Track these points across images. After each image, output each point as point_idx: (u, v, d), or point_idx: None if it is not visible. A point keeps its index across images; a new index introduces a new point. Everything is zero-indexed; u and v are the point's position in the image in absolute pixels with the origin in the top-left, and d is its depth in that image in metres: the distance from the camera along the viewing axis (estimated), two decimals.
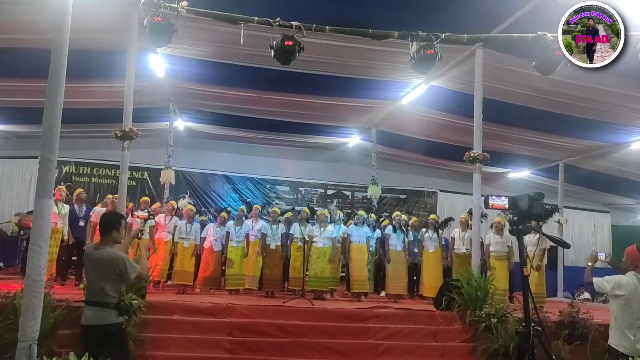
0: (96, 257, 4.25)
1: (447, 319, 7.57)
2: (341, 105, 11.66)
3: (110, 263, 4.19)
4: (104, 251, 4.27)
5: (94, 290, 4.20)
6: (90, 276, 4.31)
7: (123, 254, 4.37)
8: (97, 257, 4.25)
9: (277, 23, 6.45)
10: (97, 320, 4.14)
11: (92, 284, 4.25)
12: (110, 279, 4.18)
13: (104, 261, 4.21)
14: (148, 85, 10.39)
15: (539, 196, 3.72)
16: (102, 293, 4.14)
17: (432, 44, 6.63)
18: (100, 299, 4.15)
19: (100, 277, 4.18)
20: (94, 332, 4.14)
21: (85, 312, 4.22)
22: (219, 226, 9.91)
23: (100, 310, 4.14)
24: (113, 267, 4.18)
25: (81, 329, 4.23)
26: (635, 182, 13.82)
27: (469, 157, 8.16)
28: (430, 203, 16.53)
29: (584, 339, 7.13)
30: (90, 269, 4.31)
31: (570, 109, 9.82)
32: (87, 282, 4.37)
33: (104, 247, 4.30)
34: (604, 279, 4.87)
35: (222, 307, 7.35)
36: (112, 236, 4.33)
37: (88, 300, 4.25)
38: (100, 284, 4.16)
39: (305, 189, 16.16)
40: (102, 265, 4.20)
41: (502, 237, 9.44)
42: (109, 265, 4.19)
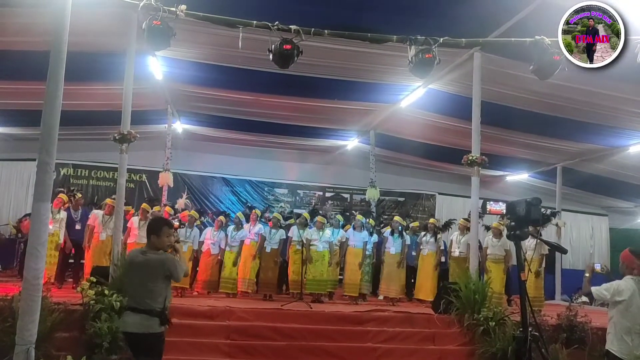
0: (143, 260, 4.16)
1: (445, 322, 7.57)
2: (340, 108, 11.67)
3: (159, 265, 4.14)
4: (153, 254, 4.19)
5: (138, 296, 4.11)
6: (135, 281, 4.21)
7: (171, 255, 4.30)
8: (144, 260, 4.16)
9: (276, 27, 6.46)
10: (139, 328, 4.06)
11: (137, 289, 4.15)
12: (157, 281, 4.11)
13: (152, 264, 4.14)
14: (147, 88, 10.39)
15: (536, 201, 3.73)
16: (147, 299, 4.06)
17: (431, 48, 6.65)
18: (144, 306, 4.06)
19: (147, 281, 4.10)
20: (134, 340, 4.11)
21: (127, 319, 4.14)
22: (217, 230, 9.92)
23: (143, 318, 4.05)
24: (162, 269, 4.13)
25: (126, 336, 4.21)
26: (633, 186, 13.85)
27: (467, 160, 8.17)
28: (428, 206, 16.53)
29: (582, 343, 7.13)
30: (135, 273, 4.21)
31: (568, 112, 9.84)
32: (131, 288, 4.24)
33: (151, 250, 4.23)
34: (602, 287, 4.81)
35: (220, 310, 7.35)
36: (152, 241, 4.24)
37: (131, 307, 4.14)
38: (147, 287, 4.08)
39: (303, 192, 16.15)
40: (150, 267, 4.13)
41: (500, 240, 9.45)
42: (158, 267, 4.14)
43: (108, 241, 8.66)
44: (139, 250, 4.36)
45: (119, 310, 6.32)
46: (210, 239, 9.81)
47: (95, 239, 9.07)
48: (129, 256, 4.48)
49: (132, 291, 4.20)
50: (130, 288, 4.23)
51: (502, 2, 6.69)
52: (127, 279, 4.30)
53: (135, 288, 4.17)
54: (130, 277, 4.27)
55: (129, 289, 4.22)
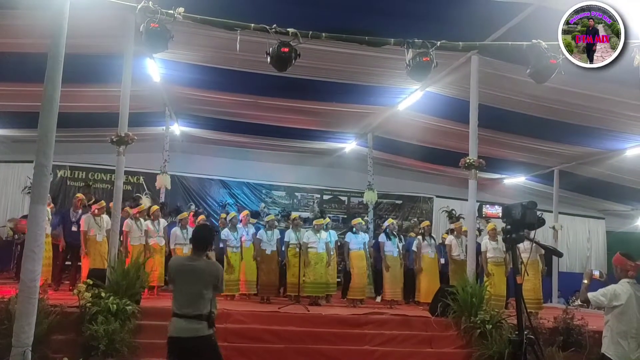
0: (195, 267, 4.23)
1: (442, 325, 7.58)
2: (337, 110, 11.68)
3: (211, 273, 4.26)
4: (202, 262, 4.31)
5: (188, 301, 4.15)
6: (184, 287, 4.23)
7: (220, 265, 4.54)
8: (195, 267, 4.23)
9: (274, 29, 6.47)
10: (188, 332, 4.12)
11: (186, 294, 4.18)
12: (209, 288, 4.20)
13: (206, 271, 4.24)
14: (144, 90, 10.39)
15: (532, 205, 3.74)
16: (197, 304, 4.13)
17: (428, 51, 6.66)
18: (193, 311, 4.12)
19: (201, 288, 4.17)
20: (184, 344, 4.15)
21: (177, 325, 4.17)
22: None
23: (193, 323, 4.11)
24: (213, 277, 4.25)
25: (173, 341, 4.20)
26: (630, 189, 13.87)
27: (464, 163, 8.18)
28: (426, 208, 16.54)
29: (579, 346, 7.15)
30: (186, 279, 4.23)
31: (565, 116, 9.86)
32: (180, 294, 4.25)
33: (200, 258, 4.33)
34: (599, 292, 4.79)
35: (218, 313, 7.32)
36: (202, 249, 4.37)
37: (179, 313, 4.17)
38: (200, 294, 4.15)
39: (301, 194, 16.15)
40: (203, 274, 4.22)
41: (498, 243, 9.44)
42: (210, 275, 4.24)
43: (105, 242, 8.64)
44: (186, 258, 4.53)
45: (116, 312, 6.33)
46: None
47: (89, 242, 9.02)
48: (174, 263, 4.55)
49: (182, 297, 4.21)
50: (179, 294, 4.25)
51: (499, 5, 6.72)
52: (176, 284, 4.30)
53: (186, 294, 4.20)
54: (180, 283, 4.28)
55: (178, 295, 4.25)
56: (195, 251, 4.42)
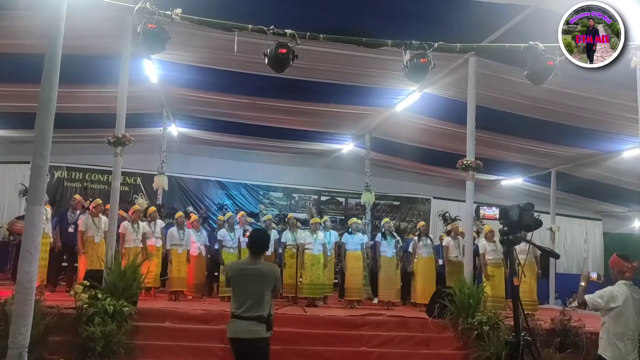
0: (256, 271, 4.37)
1: (439, 327, 7.58)
2: (335, 112, 11.68)
3: (272, 276, 4.42)
4: (263, 265, 4.49)
5: (250, 304, 4.27)
6: (245, 289, 4.34)
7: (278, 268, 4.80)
8: (257, 270, 4.37)
9: (271, 31, 6.45)
10: (247, 334, 4.25)
11: (247, 297, 4.30)
12: (268, 290, 4.35)
13: (267, 274, 4.40)
14: (141, 91, 10.38)
15: (529, 207, 3.74)
16: (258, 306, 4.26)
17: (425, 53, 6.65)
18: (254, 312, 4.25)
19: (263, 290, 4.32)
20: (246, 346, 4.27)
21: (237, 326, 4.30)
22: (198, 231, 9.91)
23: (253, 324, 4.24)
24: (273, 280, 4.41)
25: (234, 342, 4.34)
26: (627, 190, 13.90)
27: (462, 164, 8.19)
28: (423, 210, 16.55)
29: (576, 347, 7.15)
30: (247, 282, 4.35)
31: (562, 117, 9.88)
32: (240, 296, 4.36)
33: (259, 261, 4.49)
34: (596, 294, 4.76)
35: (215, 314, 7.32)
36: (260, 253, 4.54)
37: (239, 315, 4.28)
38: (261, 296, 4.29)
39: (298, 195, 16.14)
40: (265, 278, 4.37)
41: (496, 244, 9.43)
42: (271, 279, 4.40)
43: (102, 244, 8.62)
44: (245, 262, 4.62)
45: (113, 314, 6.32)
46: (196, 241, 9.77)
47: (87, 243, 8.99)
48: (234, 267, 4.70)
49: (243, 299, 4.31)
50: (240, 296, 4.35)
51: (497, 7, 6.73)
52: (236, 287, 4.42)
53: (247, 296, 4.31)
54: (241, 285, 4.39)
55: (239, 297, 4.35)
56: (253, 255, 4.53)
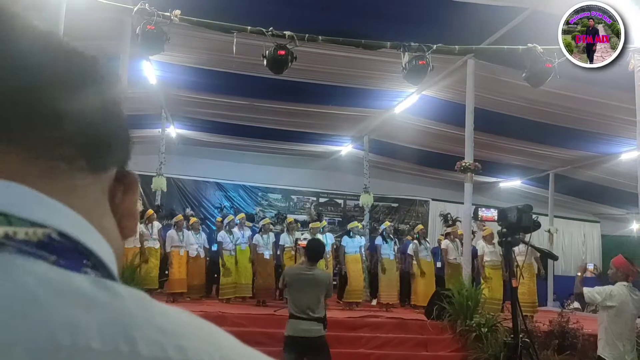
0: (312, 277, 4.80)
1: (437, 329, 7.58)
2: (334, 113, 11.69)
3: (326, 281, 4.92)
4: (318, 271, 4.97)
5: (309, 305, 4.70)
6: (303, 293, 4.77)
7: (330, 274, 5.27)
8: (313, 276, 4.81)
9: (270, 32, 6.47)
10: (307, 333, 4.68)
11: (305, 299, 4.73)
12: (322, 294, 4.80)
13: (322, 280, 4.88)
14: (140, 92, 10.37)
15: (527, 208, 3.74)
16: (315, 308, 4.70)
17: (424, 55, 6.69)
18: (314, 314, 4.68)
19: (319, 293, 4.77)
20: (306, 344, 4.71)
21: (297, 326, 4.71)
22: (198, 232, 9.90)
23: (314, 324, 4.69)
24: (326, 285, 4.89)
25: (293, 340, 4.74)
26: (625, 193, 13.90)
27: (460, 166, 8.20)
28: (422, 212, 16.56)
29: (574, 349, 7.16)
30: (304, 286, 4.79)
31: (560, 120, 9.90)
32: (298, 299, 4.78)
33: (315, 267, 4.92)
34: (595, 289, 4.86)
35: (213, 316, 7.30)
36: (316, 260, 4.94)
37: (298, 316, 4.72)
38: (317, 299, 4.74)
39: (297, 197, 16.14)
40: (320, 283, 4.82)
41: (495, 246, 9.43)
42: (325, 282, 4.89)
43: None
44: (302, 267, 5.05)
45: None
46: (196, 242, 9.77)
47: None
48: (293, 272, 5.08)
49: (301, 302, 4.75)
50: (298, 299, 4.79)
51: (495, 10, 6.75)
52: (295, 291, 4.87)
53: (305, 299, 4.75)
54: (299, 289, 4.83)
55: (296, 300, 4.80)
56: (310, 261, 4.94)
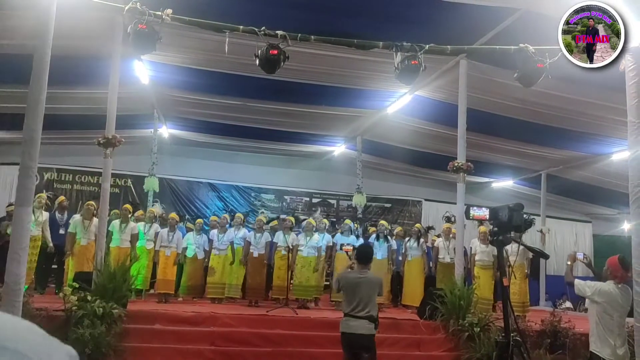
0: (366, 279, 5.26)
1: (430, 328, 7.58)
2: (327, 114, 11.68)
3: (378, 284, 5.39)
4: (371, 274, 5.45)
5: (362, 306, 5.12)
6: (358, 294, 5.17)
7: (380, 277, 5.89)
8: (367, 279, 5.27)
9: (263, 32, 6.45)
10: (360, 330, 5.12)
11: (361, 301, 5.13)
12: (375, 295, 5.28)
13: (375, 283, 5.34)
14: (132, 92, 10.32)
15: (518, 207, 3.75)
16: (370, 308, 5.14)
17: (416, 55, 6.67)
18: (367, 313, 5.12)
19: (371, 295, 5.22)
20: (359, 341, 5.15)
21: (353, 324, 5.14)
22: (199, 233, 9.86)
23: (367, 323, 5.11)
24: (379, 285, 5.38)
25: (348, 337, 5.20)
26: (616, 193, 13.98)
27: (453, 166, 8.21)
28: (415, 212, 16.58)
29: (566, 348, 7.19)
30: (360, 289, 5.19)
31: (552, 120, 9.95)
32: (354, 300, 5.17)
33: (368, 271, 5.39)
34: (586, 283, 4.97)
35: (205, 317, 7.29)
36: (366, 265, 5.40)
37: (353, 315, 5.14)
38: (371, 300, 5.17)
39: (290, 197, 16.12)
40: (374, 285, 5.30)
41: (488, 246, 9.46)
42: (377, 286, 5.35)
43: (90, 246, 8.54)
44: (356, 272, 5.41)
45: (102, 316, 6.27)
46: (195, 243, 9.73)
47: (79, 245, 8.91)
48: (348, 276, 5.45)
49: (356, 302, 5.15)
50: (353, 300, 5.18)
51: (487, 10, 6.76)
52: (351, 293, 5.23)
53: (359, 300, 5.15)
54: (355, 291, 5.21)
55: (352, 301, 5.18)
56: (362, 265, 5.40)
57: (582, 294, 5.04)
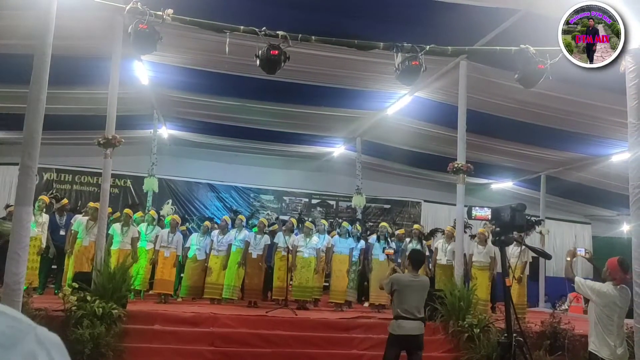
0: (419, 283, 5.61)
1: (430, 329, 7.55)
2: (326, 114, 11.69)
3: (427, 286, 5.77)
4: (423, 278, 5.87)
5: (415, 308, 5.45)
6: (412, 297, 5.48)
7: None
8: (421, 283, 5.64)
9: (263, 32, 6.45)
10: (414, 331, 5.42)
11: (414, 303, 5.45)
12: (425, 297, 5.64)
13: (426, 286, 5.73)
14: (132, 93, 10.32)
15: (521, 207, 3.74)
16: (421, 310, 5.51)
17: (417, 56, 6.68)
18: (419, 315, 5.47)
19: (423, 298, 5.59)
20: (412, 341, 5.43)
21: (407, 325, 5.40)
22: (203, 235, 9.86)
23: (419, 324, 5.45)
24: (427, 289, 5.76)
25: (401, 338, 5.42)
26: (615, 194, 13.99)
27: (452, 167, 8.20)
28: (414, 213, 16.57)
29: (565, 350, 7.18)
30: (413, 292, 5.51)
31: (552, 122, 9.95)
32: (407, 302, 5.44)
33: (420, 275, 5.82)
34: (586, 282, 4.98)
35: (204, 317, 7.28)
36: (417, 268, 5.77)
37: (405, 317, 5.41)
38: (421, 301, 5.53)
39: (289, 198, 16.11)
40: (424, 287, 5.66)
41: (485, 247, 9.48)
42: (427, 289, 5.74)
43: (91, 247, 8.53)
44: (410, 276, 5.69)
45: (101, 316, 6.26)
46: (197, 244, 9.72)
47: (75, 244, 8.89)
48: (402, 280, 5.64)
49: (410, 305, 5.44)
50: (407, 302, 5.45)
51: (488, 11, 6.76)
52: (404, 295, 5.47)
53: (412, 302, 5.45)
54: (408, 294, 5.49)
55: (405, 303, 5.44)
56: (414, 269, 5.70)
57: (580, 292, 5.06)
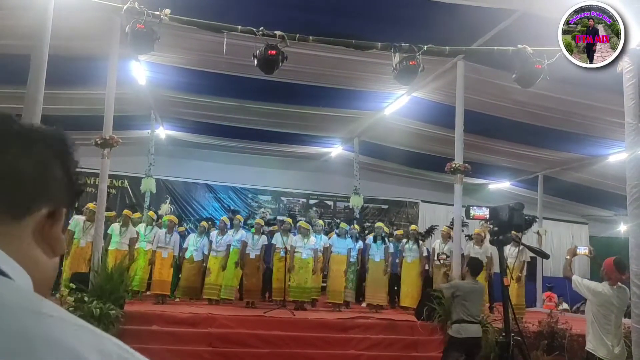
0: (480, 289, 6.10)
1: (427, 330, 7.58)
2: (324, 115, 11.68)
3: (484, 292, 6.30)
4: (481, 284, 6.30)
5: (475, 312, 5.83)
6: (474, 302, 5.85)
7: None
8: (480, 289, 6.12)
9: (261, 32, 6.45)
10: (477, 334, 5.86)
11: (473, 307, 5.81)
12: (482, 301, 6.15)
13: (483, 291, 6.26)
14: (129, 93, 10.30)
15: (519, 207, 3.75)
16: (479, 313, 5.92)
17: (415, 56, 6.69)
18: (478, 318, 5.87)
19: (481, 302, 6.05)
20: (475, 342, 5.81)
21: (470, 328, 5.77)
22: (200, 236, 9.84)
23: (478, 326, 5.88)
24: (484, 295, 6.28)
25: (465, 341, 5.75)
26: (612, 194, 14.02)
27: (450, 168, 8.21)
28: (412, 213, 16.58)
29: (563, 350, 7.20)
30: (475, 297, 5.91)
31: (549, 122, 9.96)
32: (470, 307, 5.79)
33: (478, 282, 6.20)
34: (583, 281, 5.01)
35: (202, 318, 7.28)
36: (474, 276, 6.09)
37: (467, 320, 5.76)
38: (481, 308, 5.95)
39: (287, 199, 16.10)
40: (482, 293, 6.20)
41: (482, 248, 9.48)
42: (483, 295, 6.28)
43: (88, 247, 8.50)
44: (471, 282, 6.04)
45: (99, 317, 6.24)
46: (194, 245, 9.71)
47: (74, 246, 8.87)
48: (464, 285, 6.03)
49: (473, 309, 5.82)
50: (470, 307, 5.79)
51: (486, 11, 6.77)
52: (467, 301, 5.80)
53: (475, 307, 5.86)
54: (471, 299, 5.84)
55: (469, 308, 5.78)
56: (473, 275, 6.07)
57: (577, 290, 5.08)
